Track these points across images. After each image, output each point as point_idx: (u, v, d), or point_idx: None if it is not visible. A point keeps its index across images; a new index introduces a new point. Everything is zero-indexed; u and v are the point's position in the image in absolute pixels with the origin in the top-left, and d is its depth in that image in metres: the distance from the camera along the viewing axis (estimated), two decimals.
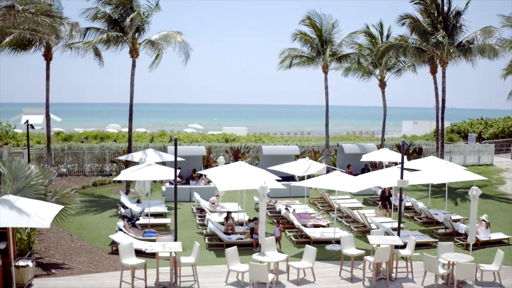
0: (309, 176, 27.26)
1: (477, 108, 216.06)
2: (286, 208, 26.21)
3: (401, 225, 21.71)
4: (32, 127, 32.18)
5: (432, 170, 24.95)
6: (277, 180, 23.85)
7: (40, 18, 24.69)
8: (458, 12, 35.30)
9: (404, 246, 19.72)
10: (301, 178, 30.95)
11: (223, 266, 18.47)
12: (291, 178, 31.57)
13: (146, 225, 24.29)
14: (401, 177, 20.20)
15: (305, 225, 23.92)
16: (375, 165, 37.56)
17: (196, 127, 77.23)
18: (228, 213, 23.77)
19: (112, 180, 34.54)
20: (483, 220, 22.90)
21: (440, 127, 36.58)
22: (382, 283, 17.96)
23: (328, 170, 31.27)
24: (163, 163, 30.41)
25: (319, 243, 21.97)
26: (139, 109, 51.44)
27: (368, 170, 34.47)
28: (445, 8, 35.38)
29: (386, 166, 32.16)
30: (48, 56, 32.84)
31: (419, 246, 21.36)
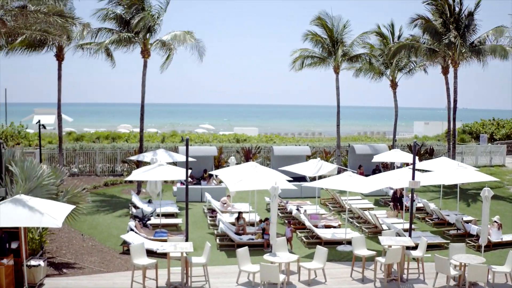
0: (320, 177, 27.19)
1: (489, 109, 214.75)
2: (297, 209, 26.18)
3: (413, 226, 21.64)
4: (44, 127, 32.25)
5: (444, 171, 24.84)
6: (288, 181, 23.79)
7: (52, 19, 24.71)
8: (471, 13, 35.12)
9: (416, 247, 19.68)
10: (312, 179, 30.92)
11: (234, 267, 18.49)
12: (302, 179, 31.54)
13: (157, 225, 24.34)
14: (413, 178, 20.15)
15: (316, 226, 23.89)
16: (387, 166, 37.47)
17: (207, 127, 77.30)
18: (239, 214, 23.76)
19: (124, 180, 34.66)
20: (495, 222, 22.81)
21: (452, 128, 36.44)
22: (393, 284, 17.92)
23: (340, 171, 31.23)
24: (174, 163, 30.48)
25: (330, 244, 21.97)
26: (150, 109, 51.49)
27: (380, 171, 34.42)
28: (457, 9, 35.25)
29: (398, 167, 32.03)
30: (60, 57, 32.94)
31: (431, 247, 21.32)
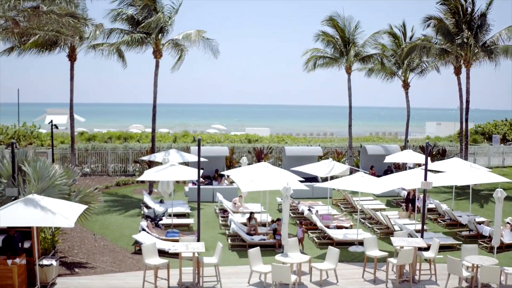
0: (332, 177, 27.15)
1: (502, 109, 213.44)
2: (309, 209, 26.13)
3: (425, 227, 21.54)
4: (56, 127, 32.39)
5: (456, 172, 24.74)
6: (300, 181, 23.74)
7: (65, 19, 24.80)
8: (483, 14, 34.95)
9: (428, 248, 19.60)
10: (324, 179, 30.86)
11: (246, 267, 18.48)
12: (314, 179, 31.47)
13: (169, 225, 24.38)
14: (425, 179, 20.08)
15: (328, 226, 23.84)
16: (399, 167, 37.33)
17: (219, 128, 77.45)
18: (251, 214, 23.74)
19: (136, 180, 34.76)
20: (508, 223, 22.68)
21: (464, 129, 36.28)
22: (405, 285, 17.85)
23: (351, 171, 31.17)
24: (186, 164, 30.52)
25: (342, 245, 21.92)
26: (162, 110, 51.58)
27: (391, 172, 34.31)
28: (469, 9, 35.11)
29: (410, 168, 31.91)
30: (72, 57, 33.12)
31: (443, 249, 21.23)
